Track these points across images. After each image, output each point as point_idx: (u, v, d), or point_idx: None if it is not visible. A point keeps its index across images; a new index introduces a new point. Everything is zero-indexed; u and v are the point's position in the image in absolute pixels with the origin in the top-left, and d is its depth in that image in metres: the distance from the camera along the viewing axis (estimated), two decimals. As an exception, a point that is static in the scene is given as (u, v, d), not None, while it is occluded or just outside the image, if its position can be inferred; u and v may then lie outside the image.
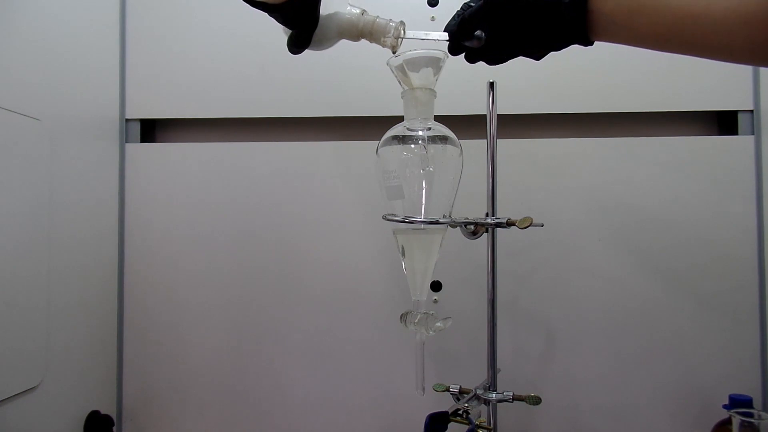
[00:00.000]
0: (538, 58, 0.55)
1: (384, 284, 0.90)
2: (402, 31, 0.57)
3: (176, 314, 0.93)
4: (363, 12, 0.57)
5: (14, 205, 0.69)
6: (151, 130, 0.98)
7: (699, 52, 0.48)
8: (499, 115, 0.70)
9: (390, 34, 0.56)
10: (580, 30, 0.50)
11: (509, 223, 0.66)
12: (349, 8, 0.56)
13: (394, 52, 0.58)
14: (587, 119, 0.90)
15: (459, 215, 0.67)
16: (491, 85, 0.70)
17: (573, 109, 0.88)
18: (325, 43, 0.57)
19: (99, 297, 0.89)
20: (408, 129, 0.63)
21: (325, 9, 0.54)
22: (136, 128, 0.95)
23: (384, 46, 0.57)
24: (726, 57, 0.48)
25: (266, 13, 0.53)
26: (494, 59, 0.57)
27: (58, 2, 0.79)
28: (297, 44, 0.55)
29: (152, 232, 0.93)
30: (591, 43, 0.51)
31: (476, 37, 0.54)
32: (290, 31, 0.55)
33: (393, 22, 0.57)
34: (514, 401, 0.68)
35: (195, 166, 0.93)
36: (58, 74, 0.78)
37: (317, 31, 0.54)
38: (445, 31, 0.56)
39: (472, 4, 0.54)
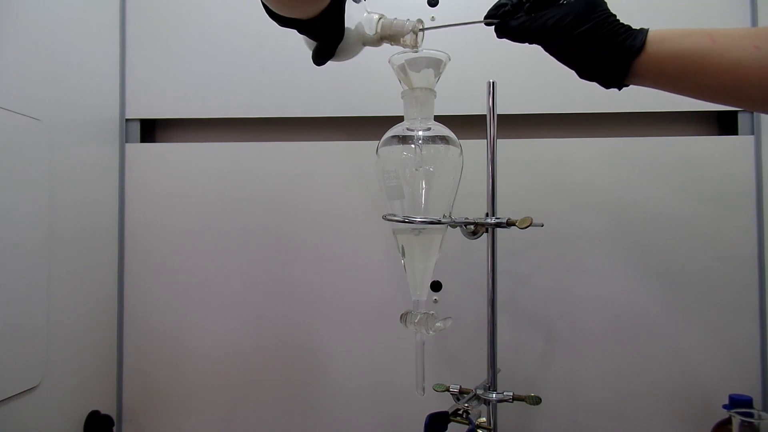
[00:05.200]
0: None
1: (384, 284, 0.90)
2: (420, 26, 0.56)
3: (176, 314, 0.93)
4: (381, 17, 0.57)
5: (14, 204, 0.69)
6: (151, 130, 0.98)
7: (745, 106, 0.53)
8: (499, 115, 0.70)
9: (409, 31, 0.56)
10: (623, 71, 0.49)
11: (509, 223, 0.66)
12: (366, 15, 0.56)
13: (415, 50, 0.57)
14: (587, 119, 0.90)
15: (459, 215, 0.67)
16: (491, 85, 0.70)
17: (573, 109, 0.88)
18: (349, 52, 0.57)
19: (99, 297, 0.89)
20: (408, 129, 0.63)
21: (348, 22, 0.54)
22: (136, 128, 0.95)
23: (405, 46, 0.57)
24: None
25: (295, 30, 0.53)
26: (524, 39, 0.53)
27: (58, 2, 0.79)
28: (321, 56, 0.55)
29: (152, 232, 0.93)
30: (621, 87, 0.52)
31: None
32: (313, 44, 0.55)
33: (410, 20, 0.56)
34: (514, 401, 0.68)
35: (195, 166, 0.93)
36: (58, 74, 0.78)
37: (342, 41, 0.54)
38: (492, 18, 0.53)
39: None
